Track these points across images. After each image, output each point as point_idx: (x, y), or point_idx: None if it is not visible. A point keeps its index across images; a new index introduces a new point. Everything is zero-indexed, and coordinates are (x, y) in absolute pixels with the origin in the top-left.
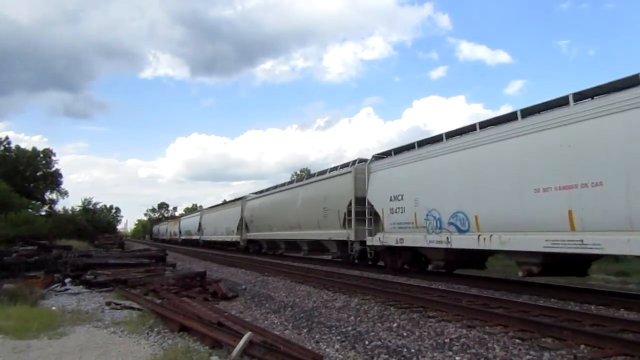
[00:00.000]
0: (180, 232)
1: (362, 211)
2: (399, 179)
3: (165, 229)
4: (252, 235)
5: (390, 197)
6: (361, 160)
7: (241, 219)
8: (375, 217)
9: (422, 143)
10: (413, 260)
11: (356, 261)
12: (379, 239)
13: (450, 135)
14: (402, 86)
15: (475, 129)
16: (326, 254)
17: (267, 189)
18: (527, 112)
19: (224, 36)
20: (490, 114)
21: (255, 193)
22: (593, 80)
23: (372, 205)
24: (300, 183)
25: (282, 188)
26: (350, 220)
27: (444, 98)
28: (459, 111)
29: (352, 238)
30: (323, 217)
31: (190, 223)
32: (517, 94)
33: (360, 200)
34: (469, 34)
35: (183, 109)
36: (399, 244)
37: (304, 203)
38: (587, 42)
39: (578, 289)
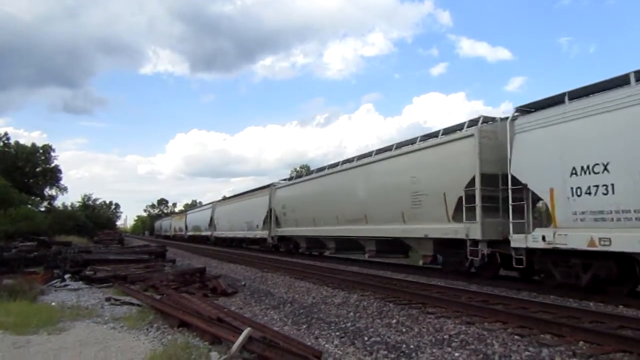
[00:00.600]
0: (187, 227)
1: (493, 196)
2: (592, 137)
3: (169, 225)
4: (286, 231)
5: (573, 169)
6: (486, 120)
7: (269, 211)
8: (518, 205)
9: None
10: (620, 276)
11: (474, 270)
12: (544, 237)
13: None
14: (402, 83)
15: None
16: (398, 257)
17: (308, 173)
18: None
19: (224, 32)
20: (490, 111)
21: (287, 179)
22: (594, 77)
23: (525, 185)
24: (369, 160)
25: (336, 169)
26: (469, 209)
27: (444, 95)
28: (459, 108)
29: (477, 236)
30: (412, 204)
31: (199, 217)
32: (517, 91)
33: (490, 179)
34: (470, 30)
35: (183, 105)
36: (596, 248)
37: (375, 187)
38: (588, 38)
39: (577, 286)
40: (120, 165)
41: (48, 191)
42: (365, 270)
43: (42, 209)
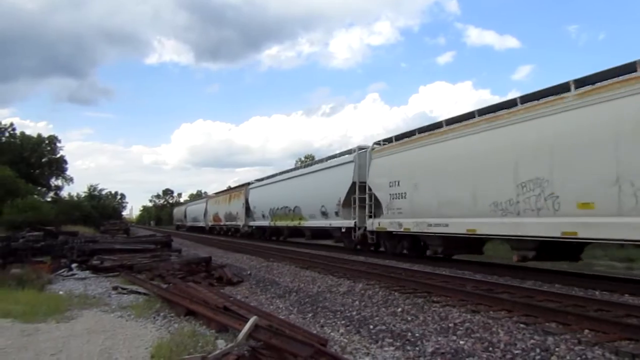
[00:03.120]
0: (245, 214)
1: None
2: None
3: (200, 211)
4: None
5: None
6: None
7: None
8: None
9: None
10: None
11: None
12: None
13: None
14: (409, 72)
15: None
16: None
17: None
18: None
19: (229, 21)
20: (496, 100)
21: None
22: (602, 65)
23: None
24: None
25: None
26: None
27: (450, 84)
28: (466, 97)
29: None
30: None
31: (270, 194)
32: (524, 80)
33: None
34: (477, 19)
35: (188, 95)
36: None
37: None
38: (598, 26)
39: (583, 275)
40: (125, 156)
41: (54, 182)
42: (371, 260)
43: (49, 200)
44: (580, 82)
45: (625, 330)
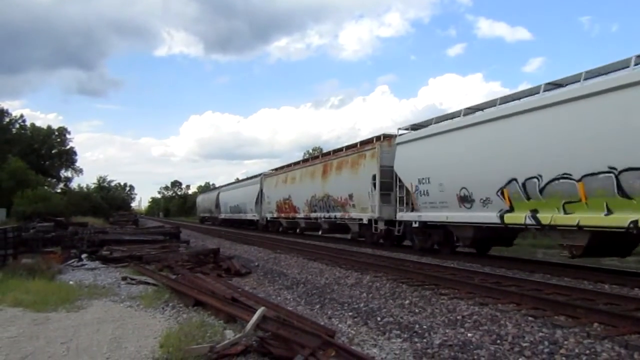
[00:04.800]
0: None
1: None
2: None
3: (247, 196)
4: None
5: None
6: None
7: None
8: None
9: None
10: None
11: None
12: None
13: None
14: (418, 64)
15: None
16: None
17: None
18: None
19: (239, 12)
20: (507, 92)
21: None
22: (615, 57)
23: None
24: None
25: None
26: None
27: (460, 76)
28: (476, 89)
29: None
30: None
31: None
32: (535, 72)
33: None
34: (489, 10)
35: (197, 87)
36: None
37: None
38: (610, 17)
39: (592, 269)
40: (134, 148)
41: (64, 173)
42: (378, 252)
43: (59, 191)
44: None
45: (636, 324)
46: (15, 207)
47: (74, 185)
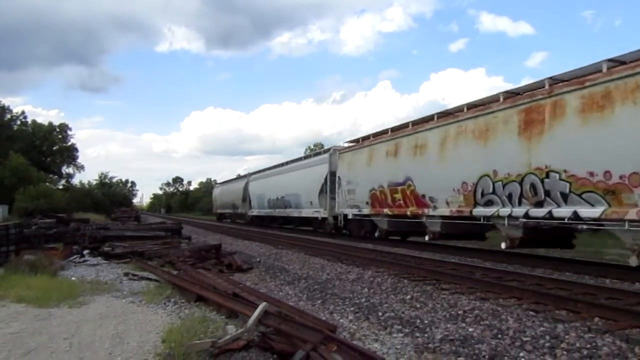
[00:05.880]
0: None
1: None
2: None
3: (288, 185)
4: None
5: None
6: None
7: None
8: None
9: None
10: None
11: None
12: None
13: None
14: (421, 59)
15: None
16: None
17: None
18: None
19: (240, 8)
20: (509, 87)
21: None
22: (619, 51)
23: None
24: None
25: None
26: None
27: (462, 71)
28: (479, 84)
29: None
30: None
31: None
32: (538, 67)
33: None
34: (491, 5)
35: (198, 82)
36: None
37: None
38: (614, 11)
39: (594, 263)
40: (136, 144)
41: (65, 169)
42: (379, 247)
43: (60, 187)
44: None
45: (637, 318)
46: (17, 203)
47: (75, 181)
